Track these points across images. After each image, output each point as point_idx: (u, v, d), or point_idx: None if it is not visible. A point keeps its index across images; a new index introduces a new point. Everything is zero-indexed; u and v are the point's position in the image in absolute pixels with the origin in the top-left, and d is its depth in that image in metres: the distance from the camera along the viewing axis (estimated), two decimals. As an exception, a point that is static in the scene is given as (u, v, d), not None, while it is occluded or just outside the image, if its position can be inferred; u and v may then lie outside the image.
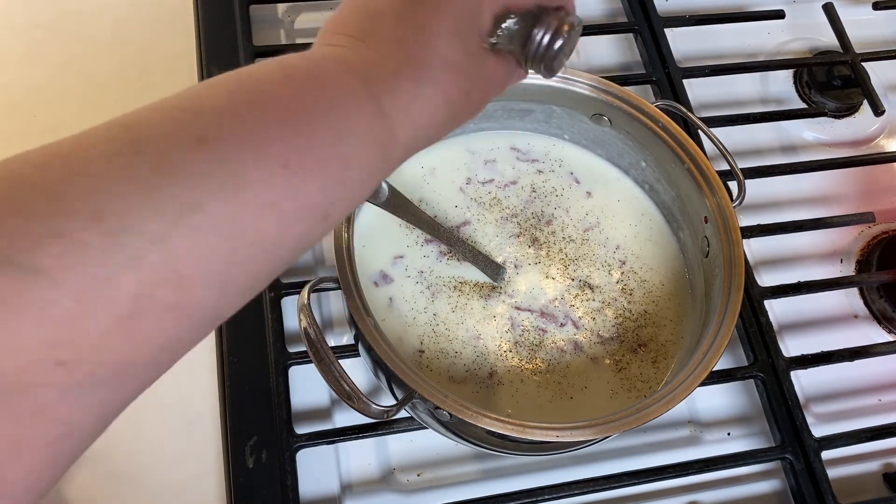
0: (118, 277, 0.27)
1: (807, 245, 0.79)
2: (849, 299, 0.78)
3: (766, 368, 0.69)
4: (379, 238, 0.63)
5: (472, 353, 0.60)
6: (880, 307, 0.77)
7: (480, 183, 0.67)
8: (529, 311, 0.62)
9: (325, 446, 0.63)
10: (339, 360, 0.50)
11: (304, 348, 0.53)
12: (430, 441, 0.65)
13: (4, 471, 0.27)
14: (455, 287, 0.62)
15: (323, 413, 0.66)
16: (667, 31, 0.85)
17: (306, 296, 0.51)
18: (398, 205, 0.58)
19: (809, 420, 0.68)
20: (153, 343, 0.30)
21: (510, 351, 0.60)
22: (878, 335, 0.77)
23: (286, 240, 0.33)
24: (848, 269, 0.79)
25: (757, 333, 0.70)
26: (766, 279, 0.75)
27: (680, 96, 0.81)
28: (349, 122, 0.35)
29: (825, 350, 0.71)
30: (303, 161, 0.33)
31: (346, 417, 0.65)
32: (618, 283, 0.64)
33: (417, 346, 0.60)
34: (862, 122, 0.87)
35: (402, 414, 0.53)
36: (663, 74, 0.82)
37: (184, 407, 0.64)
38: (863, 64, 0.85)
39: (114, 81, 0.77)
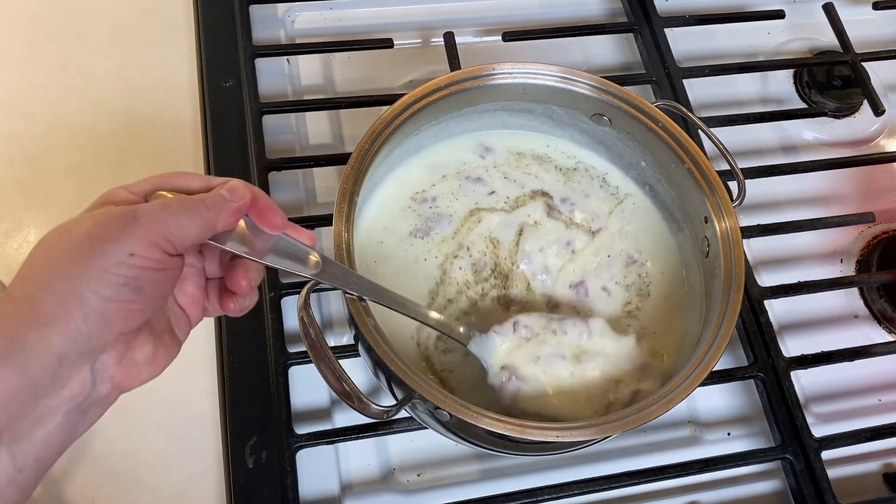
0: None
1: (807, 245, 0.79)
2: (849, 299, 0.78)
3: (766, 368, 0.69)
4: (388, 228, 0.63)
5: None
6: (880, 307, 0.77)
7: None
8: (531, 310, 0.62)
9: (325, 446, 0.63)
10: (339, 360, 0.50)
11: (304, 348, 0.53)
12: (430, 441, 0.65)
13: None
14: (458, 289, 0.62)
15: (323, 413, 0.66)
16: (667, 31, 0.85)
17: (306, 296, 0.51)
18: (335, 276, 0.51)
19: (809, 420, 0.68)
20: None
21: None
22: (878, 335, 0.77)
23: None
24: (848, 269, 0.79)
25: (757, 333, 0.70)
26: (766, 279, 0.75)
27: (680, 96, 0.81)
28: None
29: (825, 350, 0.71)
30: None
31: (346, 417, 0.65)
32: (618, 283, 0.64)
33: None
34: (862, 122, 0.88)
35: (402, 414, 0.53)
36: (663, 74, 0.82)
37: (184, 407, 0.64)
38: (863, 64, 0.85)
39: (114, 81, 0.77)
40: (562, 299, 0.63)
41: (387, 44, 0.79)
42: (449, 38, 0.78)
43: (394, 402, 0.51)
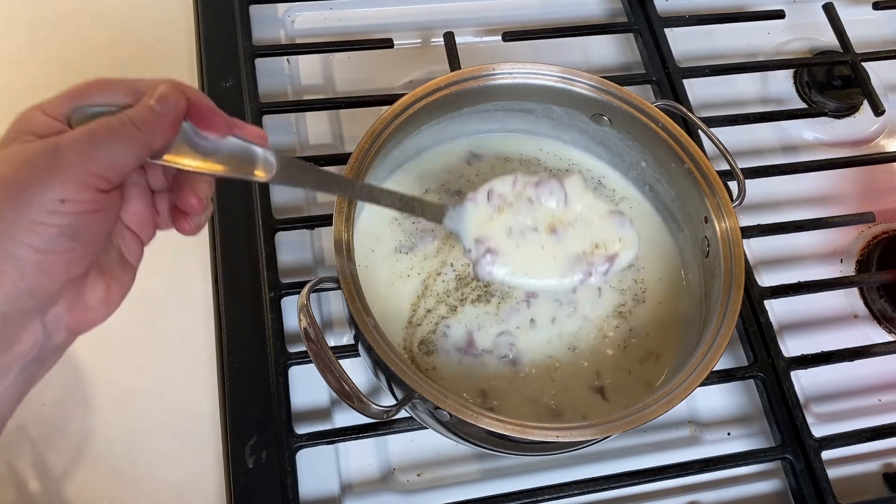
0: None
1: (807, 245, 0.79)
2: (849, 299, 0.78)
3: (766, 368, 0.69)
4: (379, 238, 0.63)
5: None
6: (880, 307, 0.77)
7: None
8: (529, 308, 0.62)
9: (325, 446, 0.63)
10: (339, 360, 0.50)
11: (304, 348, 0.53)
12: (430, 441, 0.65)
13: None
14: (456, 286, 0.62)
15: (323, 413, 0.66)
16: (667, 31, 0.85)
17: (306, 296, 0.51)
18: (294, 175, 0.47)
19: (809, 420, 0.68)
20: None
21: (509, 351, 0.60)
22: (878, 335, 0.77)
23: None
24: (848, 269, 0.79)
25: (757, 333, 0.70)
26: (766, 279, 0.75)
27: (680, 96, 0.81)
28: None
29: (825, 350, 0.71)
30: None
31: (346, 417, 0.65)
32: (612, 286, 0.64)
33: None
34: (862, 122, 0.87)
35: (402, 414, 0.53)
36: (663, 74, 0.82)
37: (184, 407, 0.64)
38: (863, 64, 0.85)
39: (114, 81, 0.77)
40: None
41: (387, 44, 0.79)
42: (449, 38, 0.78)
43: (394, 402, 0.51)
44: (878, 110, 0.83)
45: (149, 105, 0.40)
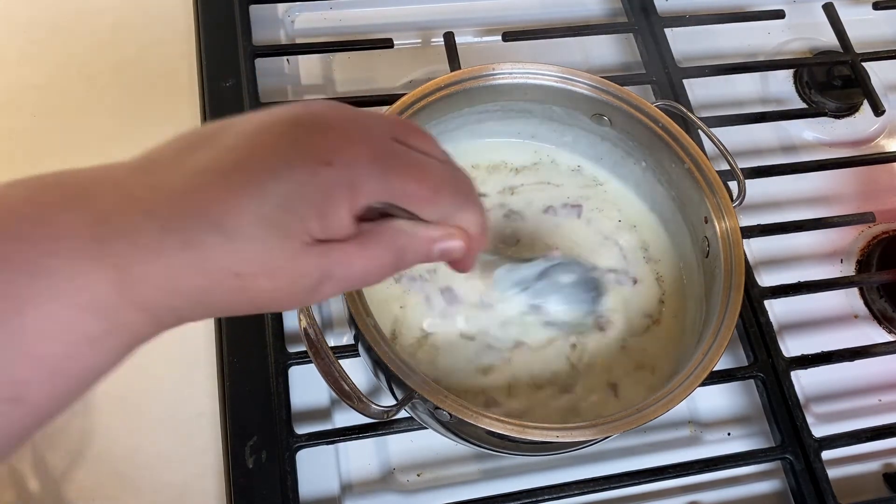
0: None
1: (807, 245, 0.79)
2: (849, 299, 0.78)
3: (766, 368, 0.69)
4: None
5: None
6: (880, 307, 0.77)
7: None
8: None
9: (325, 446, 0.63)
10: (339, 360, 0.50)
11: (304, 348, 0.53)
12: (430, 441, 0.65)
13: None
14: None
15: (323, 413, 0.66)
16: (667, 31, 0.85)
17: (306, 296, 0.51)
18: None
19: (809, 420, 0.68)
20: None
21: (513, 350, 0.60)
22: (878, 335, 0.77)
23: None
24: (848, 269, 0.79)
25: (757, 333, 0.70)
26: (766, 279, 0.75)
27: (680, 96, 0.81)
28: (43, 266, 0.27)
29: (825, 350, 0.71)
30: None
31: (346, 417, 0.65)
32: (618, 283, 0.64)
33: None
34: (862, 122, 0.87)
35: (402, 414, 0.53)
36: (663, 74, 0.82)
37: (184, 407, 0.64)
38: (863, 64, 0.85)
39: (114, 81, 0.77)
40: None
41: (387, 44, 0.79)
42: (449, 38, 0.78)
43: (394, 402, 0.51)
44: (878, 110, 0.83)
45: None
